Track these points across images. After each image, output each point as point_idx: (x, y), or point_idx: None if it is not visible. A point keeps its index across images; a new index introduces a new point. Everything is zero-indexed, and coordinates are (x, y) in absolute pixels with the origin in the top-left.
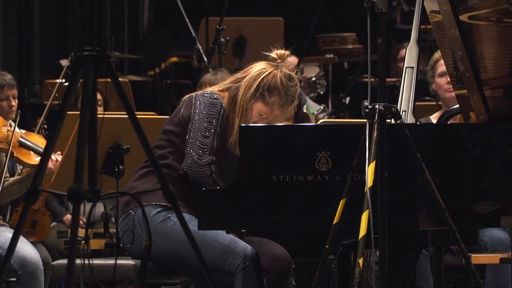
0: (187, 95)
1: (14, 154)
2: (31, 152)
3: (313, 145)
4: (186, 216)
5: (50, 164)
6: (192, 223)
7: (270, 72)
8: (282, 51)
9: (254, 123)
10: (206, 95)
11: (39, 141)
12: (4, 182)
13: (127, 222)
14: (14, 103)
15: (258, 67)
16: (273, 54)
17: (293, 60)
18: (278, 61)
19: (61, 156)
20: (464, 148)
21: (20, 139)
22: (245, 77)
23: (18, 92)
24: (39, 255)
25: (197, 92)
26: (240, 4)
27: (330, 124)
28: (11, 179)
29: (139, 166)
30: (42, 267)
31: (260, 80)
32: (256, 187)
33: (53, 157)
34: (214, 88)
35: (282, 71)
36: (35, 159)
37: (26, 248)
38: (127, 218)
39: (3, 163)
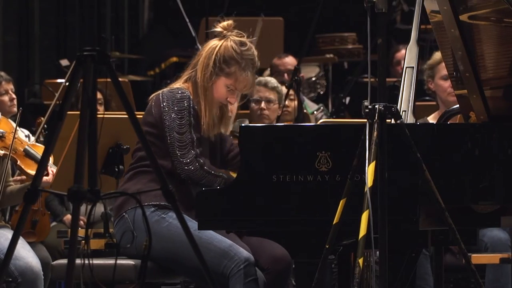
0: (154, 94)
1: (18, 162)
2: (34, 162)
3: (313, 145)
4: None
5: (50, 178)
6: (188, 224)
7: (220, 46)
8: (225, 23)
9: (227, 100)
10: (172, 91)
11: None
12: (7, 186)
13: (122, 225)
14: (14, 96)
15: (208, 46)
16: (218, 29)
17: (291, 61)
18: (224, 32)
19: (55, 169)
20: (464, 148)
21: (26, 147)
22: (199, 60)
23: (18, 92)
24: (40, 264)
25: (163, 90)
26: (240, 4)
27: (330, 124)
28: (14, 185)
29: None
30: (43, 277)
31: (214, 57)
32: (256, 187)
33: (49, 169)
34: (179, 82)
35: (231, 40)
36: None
37: (28, 256)
38: (121, 221)
39: (8, 168)
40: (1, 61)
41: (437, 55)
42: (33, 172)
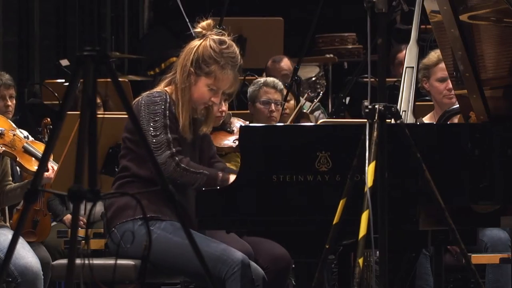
0: (136, 99)
1: (17, 159)
2: (34, 159)
3: (313, 145)
4: (169, 227)
5: (51, 174)
6: (177, 233)
7: (199, 46)
8: (204, 22)
9: (210, 100)
10: (150, 95)
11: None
12: (6, 185)
13: (112, 239)
14: (11, 103)
15: (187, 47)
16: (198, 29)
17: (287, 65)
18: (204, 32)
19: (56, 165)
20: (464, 148)
21: (25, 144)
22: (179, 61)
23: (18, 92)
24: (40, 264)
25: (143, 94)
26: (240, 4)
27: (330, 124)
28: (13, 184)
29: None
30: (42, 277)
31: (192, 57)
32: (256, 187)
33: (49, 165)
34: (161, 85)
35: (209, 39)
36: (36, 166)
37: (28, 256)
38: (111, 235)
39: (7, 166)
40: (1, 61)
41: (433, 56)
42: (32, 169)
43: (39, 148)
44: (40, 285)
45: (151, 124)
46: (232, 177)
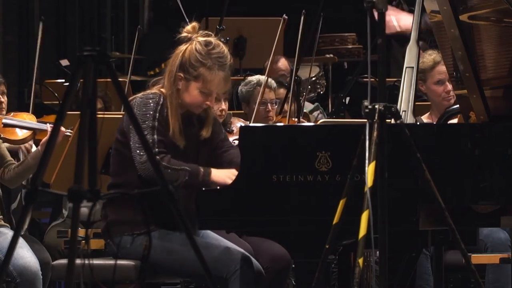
0: (130, 99)
1: (1, 136)
2: (17, 129)
3: (313, 145)
4: (165, 235)
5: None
6: (173, 240)
7: (185, 50)
8: (190, 26)
9: (205, 103)
10: (143, 97)
11: (26, 118)
12: (8, 164)
13: (109, 249)
14: (3, 99)
15: (174, 53)
16: (183, 33)
17: (284, 65)
18: (189, 35)
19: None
20: (464, 148)
21: (4, 120)
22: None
23: (18, 92)
24: (38, 264)
25: (137, 96)
26: (240, 4)
27: (330, 124)
28: (15, 163)
29: None
30: (41, 276)
31: (179, 62)
32: (256, 187)
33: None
34: (157, 87)
35: (195, 42)
36: (22, 133)
37: (26, 256)
38: (108, 246)
39: (1, 149)
40: (1, 61)
41: (428, 59)
42: (18, 137)
43: (21, 117)
44: (39, 285)
45: (141, 125)
46: (215, 172)
